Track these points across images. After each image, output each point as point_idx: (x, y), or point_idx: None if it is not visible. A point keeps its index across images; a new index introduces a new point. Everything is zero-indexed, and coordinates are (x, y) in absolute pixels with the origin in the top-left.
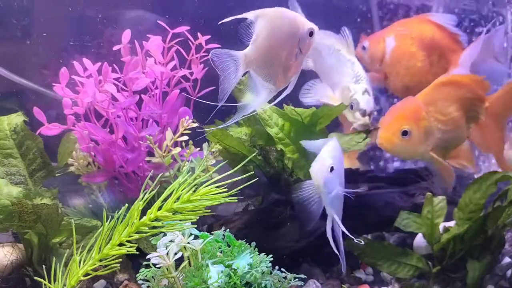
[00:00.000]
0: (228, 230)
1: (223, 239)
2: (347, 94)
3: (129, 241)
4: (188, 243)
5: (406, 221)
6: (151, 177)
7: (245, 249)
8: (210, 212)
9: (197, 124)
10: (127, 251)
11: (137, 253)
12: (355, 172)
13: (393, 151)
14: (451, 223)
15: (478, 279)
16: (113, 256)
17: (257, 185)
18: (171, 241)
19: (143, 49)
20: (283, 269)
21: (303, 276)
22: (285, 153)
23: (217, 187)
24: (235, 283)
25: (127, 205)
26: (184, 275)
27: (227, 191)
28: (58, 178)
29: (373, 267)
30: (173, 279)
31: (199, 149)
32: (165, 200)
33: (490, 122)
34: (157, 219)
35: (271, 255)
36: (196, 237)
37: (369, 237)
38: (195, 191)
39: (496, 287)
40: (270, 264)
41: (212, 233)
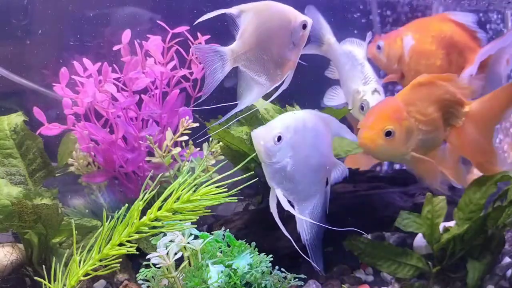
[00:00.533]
0: (228, 230)
1: (223, 239)
2: (357, 96)
3: (129, 241)
4: (188, 243)
5: (406, 221)
6: (151, 177)
7: (245, 249)
8: (210, 212)
9: (197, 124)
10: (127, 251)
11: (137, 253)
12: (355, 172)
13: (376, 152)
14: (451, 223)
15: (478, 279)
16: (113, 256)
17: (256, 185)
18: (171, 241)
19: (143, 49)
20: (283, 269)
21: (303, 276)
22: None
23: (217, 187)
24: (235, 283)
25: (127, 205)
26: (184, 275)
27: (227, 191)
28: (58, 178)
29: (373, 267)
30: (173, 279)
31: (199, 149)
32: (165, 200)
33: (470, 127)
34: (157, 219)
35: (271, 255)
36: (196, 237)
37: (369, 237)
38: (195, 191)
39: (496, 287)
40: (270, 264)
41: (212, 233)
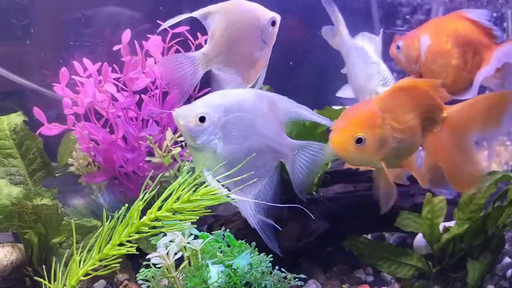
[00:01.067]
0: (228, 230)
1: (223, 239)
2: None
3: (129, 241)
4: (188, 243)
5: (406, 221)
6: (151, 177)
7: (245, 249)
8: (210, 212)
9: None
10: (127, 251)
11: (137, 253)
12: (355, 172)
13: (345, 157)
14: (451, 223)
15: (478, 279)
16: (113, 256)
17: None
18: (171, 241)
19: (143, 49)
20: (283, 269)
21: (303, 276)
22: None
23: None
24: (235, 283)
25: (127, 205)
26: (184, 275)
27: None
28: (58, 178)
29: (373, 267)
30: (173, 279)
31: None
32: (165, 200)
33: (445, 133)
34: (157, 219)
35: (271, 255)
36: (196, 237)
37: (369, 237)
38: (195, 191)
39: (496, 287)
40: (270, 264)
41: (212, 233)
